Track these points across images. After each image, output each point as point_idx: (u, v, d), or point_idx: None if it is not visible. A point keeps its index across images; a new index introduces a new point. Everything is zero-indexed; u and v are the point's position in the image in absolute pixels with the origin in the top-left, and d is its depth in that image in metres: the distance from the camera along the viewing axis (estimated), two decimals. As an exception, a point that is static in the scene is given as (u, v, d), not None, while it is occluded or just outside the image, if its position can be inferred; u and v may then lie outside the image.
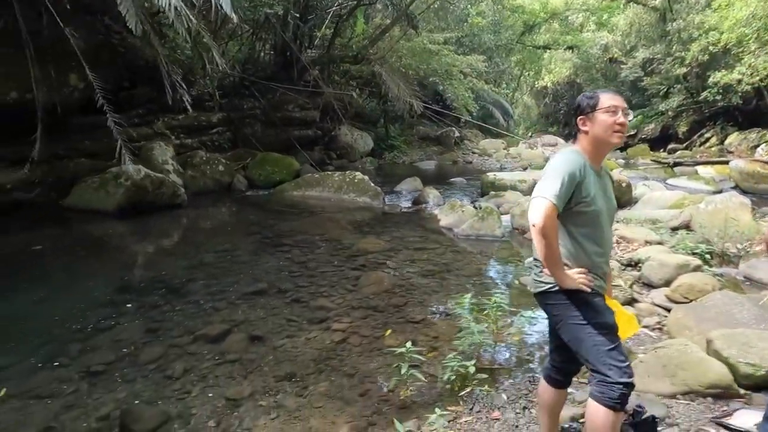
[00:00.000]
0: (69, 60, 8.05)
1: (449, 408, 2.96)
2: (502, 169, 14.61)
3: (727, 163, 12.93)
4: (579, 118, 2.14)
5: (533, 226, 2.00)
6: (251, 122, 12.72)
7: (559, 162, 2.07)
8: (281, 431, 2.84)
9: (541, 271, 2.15)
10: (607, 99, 2.08)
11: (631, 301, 4.28)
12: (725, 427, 1.74)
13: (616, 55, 24.01)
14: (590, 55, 25.02)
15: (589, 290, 2.06)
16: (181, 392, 3.28)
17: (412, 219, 8.32)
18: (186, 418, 3.00)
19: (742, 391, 2.75)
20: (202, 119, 11.64)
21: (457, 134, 19.62)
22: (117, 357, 3.72)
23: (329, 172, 10.61)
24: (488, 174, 10.59)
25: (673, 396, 2.81)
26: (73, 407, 3.12)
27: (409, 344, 3.03)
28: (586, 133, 2.13)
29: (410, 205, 9.30)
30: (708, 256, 5.49)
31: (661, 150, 19.67)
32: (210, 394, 3.25)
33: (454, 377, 3.17)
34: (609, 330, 2.04)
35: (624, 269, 5.30)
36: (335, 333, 4.12)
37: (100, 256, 6.43)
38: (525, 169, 13.48)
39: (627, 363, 2.01)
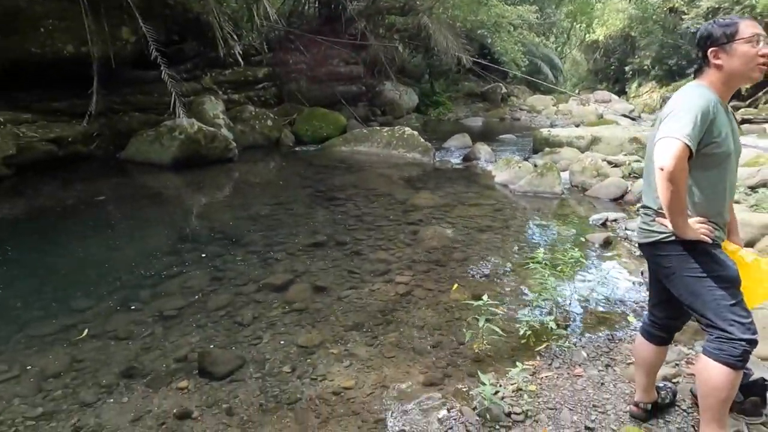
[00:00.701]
0: (121, 13, 8.05)
1: (527, 363, 2.87)
2: (552, 125, 14.05)
3: (800, 120, 12.01)
4: (711, 50, 1.90)
5: (661, 169, 1.80)
6: (296, 77, 12.57)
7: (688, 98, 1.85)
8: (356, 379, 2.83)
9: (653, 220, 1.97)
10: (748, 27, 1.83)
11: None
12: None
13: (677, 5, 22.30)
14: (648, 5, 23.31)
15: (710, 241, 1.87)
16: (252, 338, 3.31)
17: (464, 175, 8.12)
18: (261, 363, 3.03)
19: None
20: (249, 74, 11.57)
21: (503, 90, 18.92)
22: (187, 303, 3.79)
23: (378, 128, 10.43)
24: (541, 130, 10.17)
25: (774, 359, 2.63)
26: (150, 349, 3.20)
27: (485, 297, 2.92)
28: (719, 67, 1.89)
29: (461, 161, 9.07)
30: (792, 216, 5.11)
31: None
32: (281, 341, 3.26)
33: (529, 332, 3.07)
34: (731, 283, 1.86)
35: (699, 228, 4.99)
36: (399, 285, 4.07)
37: (160, 206, 6.57)
38: (578, 125, 12.89)
39: (750, 319, 1.85)
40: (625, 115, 16.09)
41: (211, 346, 3.20)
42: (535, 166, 7.40)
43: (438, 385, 2.75)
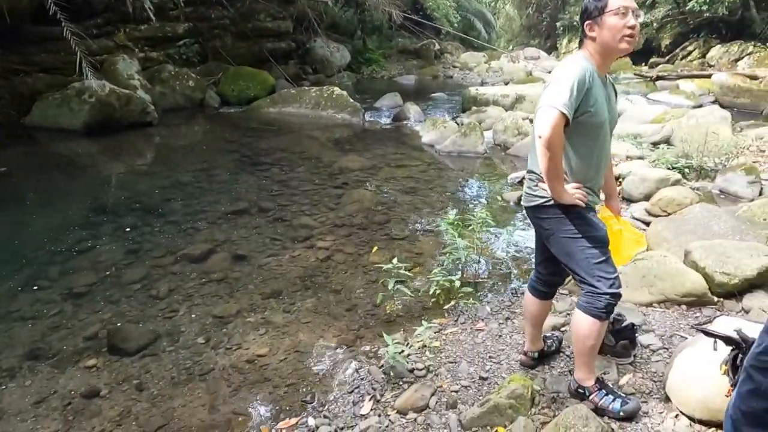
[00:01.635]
0: (12, -40, 7.26)
1: (435, 321, 3.04)
2: (483, 83, 14.25)
3: (709, 77, 12.83)
4: (586, 22, 1.99)
5: (539, 137, 1.90)
6: (221, 33, 11.93)
7: (566, 69, 1.94)
8: (271, 346, 2.89)
9: (536, 185, 2.10)
10: (617, 0, 1.93)
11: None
12: (706, 333, 1.81)
13: (604, -39, 22.77)
14: (577, -40, 23.68)
15: (583, 205, 2.03)
16: (167, 311, 3.28)
17: (393, 136, 8.16)
18: (175, 336, 3.02)
19: (715, 299, 2.88)
20: (168, 30, 10.86)
21: (437, 47, 18.86)
22: (99, 278, 3.68)
23: (306, 88, 10.19)
24: (470, 89, 10.31)
25: (649, 305, 2.92)
26: (58, 328, 3.11)
27: (395, 260, 3.03)
28: (593, 39, 1.99)
29: (391, 121, 9.08)
30: (686, 170, 5.57)
31: (644, 64, 19.33)
32: (197, 313, 3.26)
33: (439, 291, 3.23)
34: (600, 243, 2.04)
35: (605, 184, 5.33)
36: (319, 251, 4.12)
37: (71, 176, 6.20)
38: (507, 83, 13.16)
39: (616, 275, 2.04)
40: (552, 72, 16.51)
41: (123, 322, 3.15)
42: (459, 125, 7.55)
43: (350, 347, 2.86)
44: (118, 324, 3.12)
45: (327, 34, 15.18)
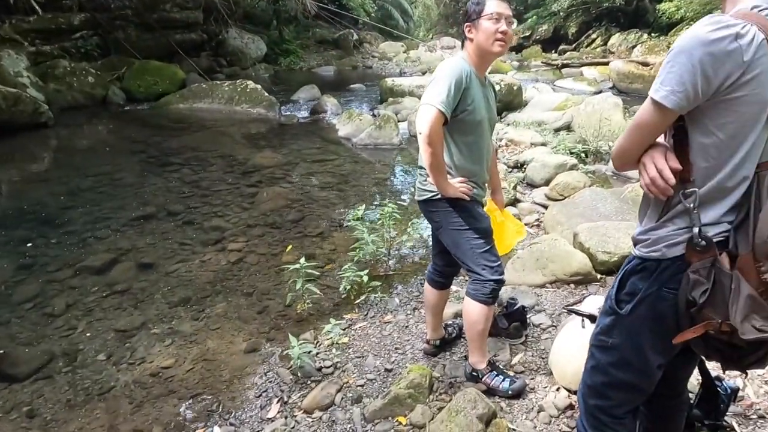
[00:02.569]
0: None
1: (345, 316, 3.09)
2: (401, 74, 14.44)
3: (607, 64, 13.75)
4: (465, 24, 2.10)
5: (420, 134, 1.99)
6: (123, 25, 11.24)
7: (445, 69, 2.03)
8: (177, 356, 2.82)
9: (425, 180, 2.19)
10: (493, 5, 2.03)
11: (514, 202, 4.59)
12: (575, 312, 1.99)
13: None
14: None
15: (468, 198, 2.14)
16: (64, 330, 3.10)
17: (310, 130, 8.09)
18: (72, 355, 2.86)
19: (599, 277, 3.15)
20: (61, 21, 10.08)
21: (355, 37, 18.84)
22: (-16, 300, 3.40)
23: (219, 82, 9.84)
24: (387, 80, 10.41)
25: (543, 286, 3.14)
26: (-64, 358, 2.85)
27: (302, 260, 3.04)
28: (471, 40, 2.10)
29: (308, 115, 8.99)
30: (583, 155, 5.98)
31: (552, 51, 20.38)
32: (98, 328, 3.11)
33: (349, 287, 3.28)
34: (484, 234, 2.16)
35: (510, 171, 5.62)
36: (231, 253, 4.04)
37: (-50, 188, 5.63)
38: (424, 73, 13.41)
39: (498, 262, 2.17)
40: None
41: (13, 346, 2.94)
42: (374, 117, 7.63)
43: (259, 351, 2.85)
44: (9, 347, 2.91)
45: (241, 25, 14.73)
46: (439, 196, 2.16)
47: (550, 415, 2.06)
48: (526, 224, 4.25)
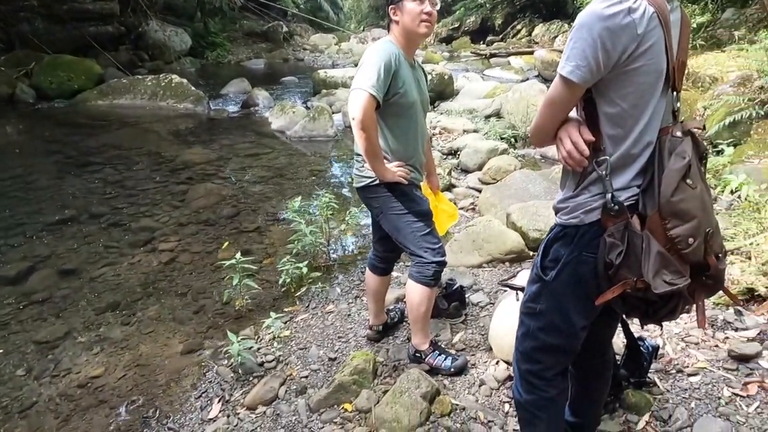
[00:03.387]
0: None
1: (286, 309, 3.04)
2: (334, 65, 14.31)
3: (532, 53, 14.32)
4: (390, 7, 2.09)
5: (353, 119, 1.97)
6: (29, 17, 10.37)
7: (373, 53, 2.02)
8: (107, 364, 2.66)
9: (363, 166, 2.17)
10: None
11: (449, 187, 4.68)
12: (509, 287, 2.06)
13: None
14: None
15: (406, 182, 2.15)
16: (-26, 346, 2.84)
17: (241, 124, 7.86)
18: (-14, 373, 2.63)
19: (532, 254, 3.27)
20: (-46, 13, 9.15)
21: (285, 29, 18.44)
22: None
23: (140, 77, 9.32)
24: (319, 71, 10.29)
25: (480, 266, 3.23)
26: None
27: (238, 255, 2.95)
28: (397, 22, 2.09)
29: (239, 109, 8.73)
30: (513, 140, 6.19)
31: (481, 42, 20.92)
32: (15, 342, 2.87)
33: (289, 280, 3.22)
34: (424, 217, 2.18)
35: (445, 158, 5.73)
36: (163, 254, 3.86)
37: None
38: (356, 64, 13.33)
39: (440, 244, 2.20)
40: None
41: None
42: (308, 109, 7.52)
43: (197, 351, 2.75)
44: None
45: (163, 17, 14.02)
46: (377, 182, 2.15)
47: (490, 388, 2.12)
48: (461, 208, 4.35)
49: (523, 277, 2.12)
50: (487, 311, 2.72)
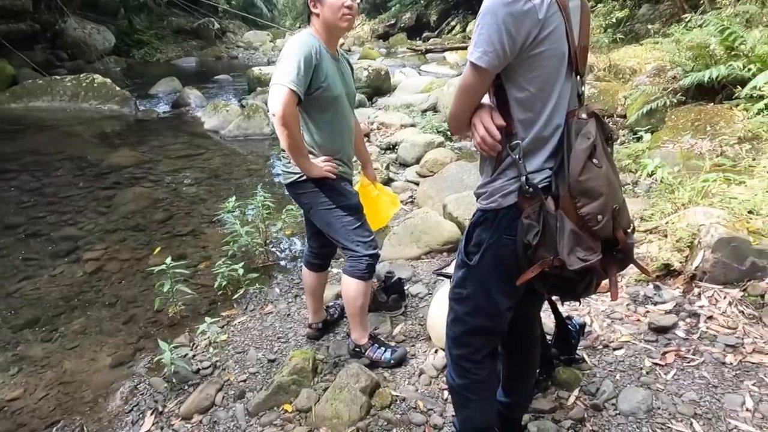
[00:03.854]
0: None
1: (223, 313, 2.95)
2: (269, 63, 14.01)
3: (466, 48, 14.63)
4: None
5: (273, 116, 1.93)
6: (-75, 14, 9.46)
7: (292, 46, 1.97)
8: (26, 385, 2.47)
9: (289, 162, 2.13)
10: None
11: (388, 181, 4.70)
12: (442, 275, 2.08)
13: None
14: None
15: (334, 176, 2.13)
16: None
17: (172, 124, 7.54)
18: None
19: (468, 243, 3.34)
20: None
21: (217, 26, 17.88)
22: None
23: (59, 77, 8.74)
24: (254, 69, 10.04)
25: (418, 258, 3.26)
26: None
27: (168, 260, 2.82)
28: (318, 15, 2.06)
29: (169, 109, 8.38)
30: (449, 133, 6.30)
31: (417, 39, 21.18)
32: None
33: (225, 283, 3.12)
34: (354, 210, 2.17)
35: (383, 153, 5.75)
36: (88, 263, 3.64)
37: None
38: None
39: (371, 237, 2.20)
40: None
41: None
42: (242, 107, 7.33)
43: (128, 363, 2.60)
44: None
45: (81, 14, 13.20)
46: (304, 178, 2.12)
47: (429, 377, 2.15)
48: (400, 202, 4.38)
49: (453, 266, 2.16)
50: (426, 302, 2.75)
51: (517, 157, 1.20)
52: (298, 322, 2.74)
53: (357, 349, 2.30)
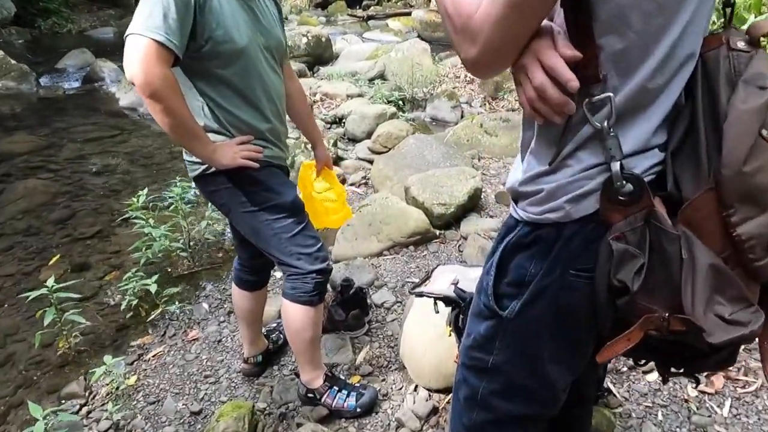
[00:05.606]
0: None
1: (133, 343, 2.28)
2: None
3: (410, 14, 13.98)
4: None
5: (132, 83, 1.28)
6: None
7: None
8: None
9: None
10: None
11: (336, 160, 4.07)
12: (425, 296, 1.53)
13: None
14: None
15: (257, 165, 1.49)
16: None
17: (81, 102, 6.50)
18: None
19: (438, 233, 2.81)
20: None
21: (137, -7, 16.18)
22: None
23: (-63, 50, 7.39)
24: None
25: (380, 254, 2.69)
26: None
27: (51, 281, 2.10)
28: None
29: (79, 84, 7.26)
30: (401, 103, 5.71)
31: (357, 7, 20.18)
32: None
33: (136, 301, 2.44)
34: (291, 211, 1.55)
35: (329, 127, 5.09)
36: (-42, 282, 2.84)
37: None
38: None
39: (318, 245, 1.60)
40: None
41: None
42: (165, 81, 6.40)
43: (-5, 428, 1.92)
44: None
45: (-30, -22, 11.43)
46: (213, 170, 1.48)
47: (411, 430, 1.61)
48: (351, 184, 3.78)
49: (440, 278, 1.59)
50: (396, 313, 2.20)
51: (605, 124, 0.64)
52: (232, 352, 2.13)
53: (310, 395, 1.72)
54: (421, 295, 1.46)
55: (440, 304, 1.44)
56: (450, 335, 1.48)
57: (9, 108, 6.28)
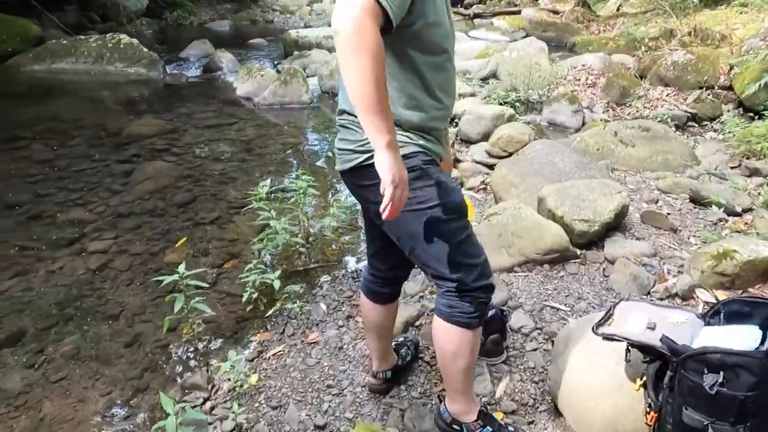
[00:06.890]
0: None
1: (253, 339, 2.23)
2: (307, 26, 13.13)
3: (519, 13, 13.42)
4: None
5: (337, 33, 1.10)
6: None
7: None
8: (-11, 438, 1.82)
9: (351, 134, 1.34)
10: None
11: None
12: (614, 339, 1.27)
13: None
14: None
15: (428, 158, 1.33)
16: None
17: (201, 90, 6.82)
18: None
19: (578, 252, 2.50)
20: None
21: (252, -12, 16.99)
22: None
23: (83, 37, 8.10)
24: (290, 32, 9.21)
25: (511, 269, 2.44)
26: None
27: (182, 267, 2.09)
28: None
29: (200, 73, 7.65)
30: (517, 104, 5.39)
31: (459, 5, 19.81)
32: None
33: (255, 294, 2.39)
34: (458, 214, 1.36)
35: (442, 127, 4.89)
36: (93, 256, 2.98)
37: None
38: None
39: (484, 257, 1.39)
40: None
41: None
42: (278, 72, 6.54)
43: (122, 413, 1.92)
44: None
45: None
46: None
47: (575, 492, 1.37)
48: (470, 189, 3.56)
49: (627, 317, 1.33)
50: (535, 341, 1.95)
51: None
52: (354, 362, 1.99)
53: (456, 427, 1.52)
54: (611, 338, 1.21)
55: (634, 352, 1.19)
56: (639, 390, 1.23)
57: (138, 93, 6.72)
